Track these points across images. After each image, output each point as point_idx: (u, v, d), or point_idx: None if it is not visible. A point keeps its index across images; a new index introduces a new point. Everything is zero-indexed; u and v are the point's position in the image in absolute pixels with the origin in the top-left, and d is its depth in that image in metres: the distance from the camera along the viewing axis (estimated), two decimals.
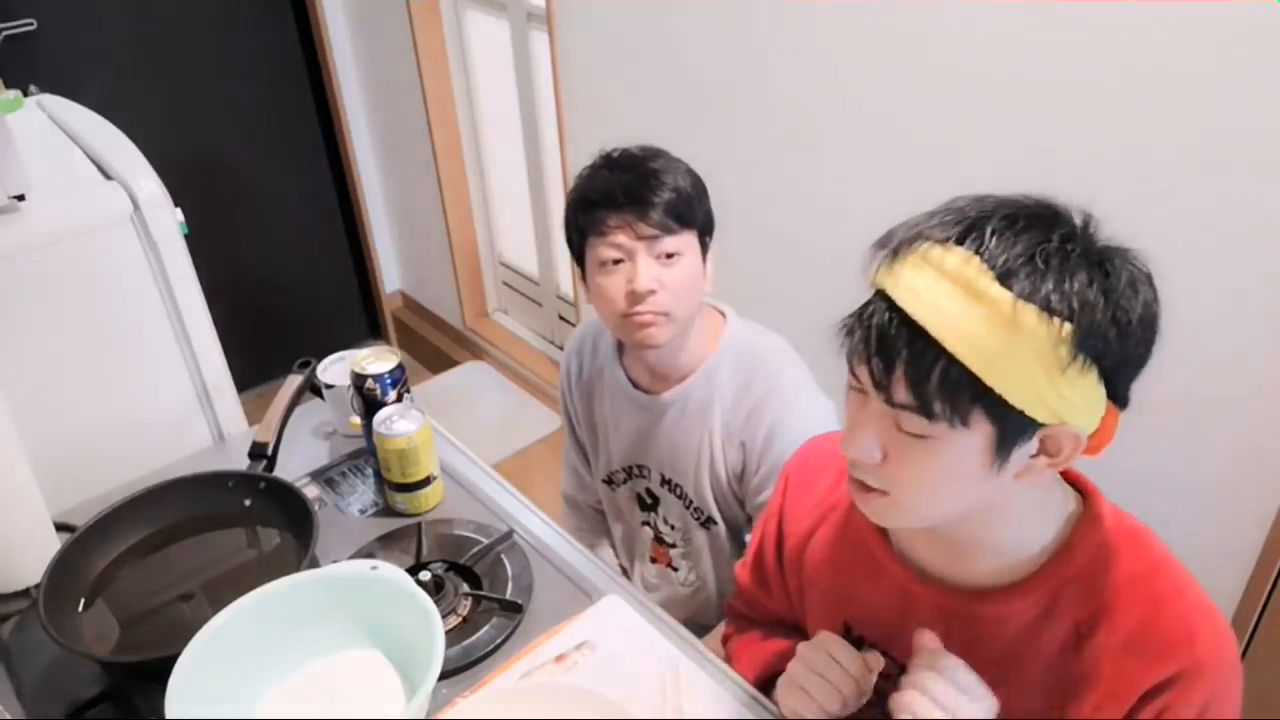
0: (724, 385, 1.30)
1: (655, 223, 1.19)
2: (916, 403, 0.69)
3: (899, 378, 0.69)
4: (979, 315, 0.67)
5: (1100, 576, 0.80)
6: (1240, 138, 1.21)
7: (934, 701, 0.76)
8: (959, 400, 0.68)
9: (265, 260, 3.03)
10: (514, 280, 3.09)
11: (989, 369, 0.67)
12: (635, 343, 1.26)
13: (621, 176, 1.21)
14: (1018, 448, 0.72)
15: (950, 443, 0.71)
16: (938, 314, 0.67)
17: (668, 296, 1.21)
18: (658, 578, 1.50)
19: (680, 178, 1.22)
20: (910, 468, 0.74)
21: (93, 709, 1.02)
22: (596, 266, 1.23)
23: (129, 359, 1.40)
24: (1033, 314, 0.66)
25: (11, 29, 2.34)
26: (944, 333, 0.67)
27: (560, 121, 2.28)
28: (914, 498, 0.76)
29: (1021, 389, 0.67)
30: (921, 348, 0.68)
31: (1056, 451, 0.73)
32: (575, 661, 1.05)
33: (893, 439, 0.73)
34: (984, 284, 0.67)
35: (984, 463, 0.72)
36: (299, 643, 0.99)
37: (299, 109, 2.92)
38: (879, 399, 0.72)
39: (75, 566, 1.10)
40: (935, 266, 0.69)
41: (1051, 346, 0.66)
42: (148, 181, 1.34)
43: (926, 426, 0.70)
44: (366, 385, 1.26)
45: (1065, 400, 0.68)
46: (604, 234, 1.21)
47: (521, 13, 2.44)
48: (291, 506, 1.17)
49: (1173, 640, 0.78)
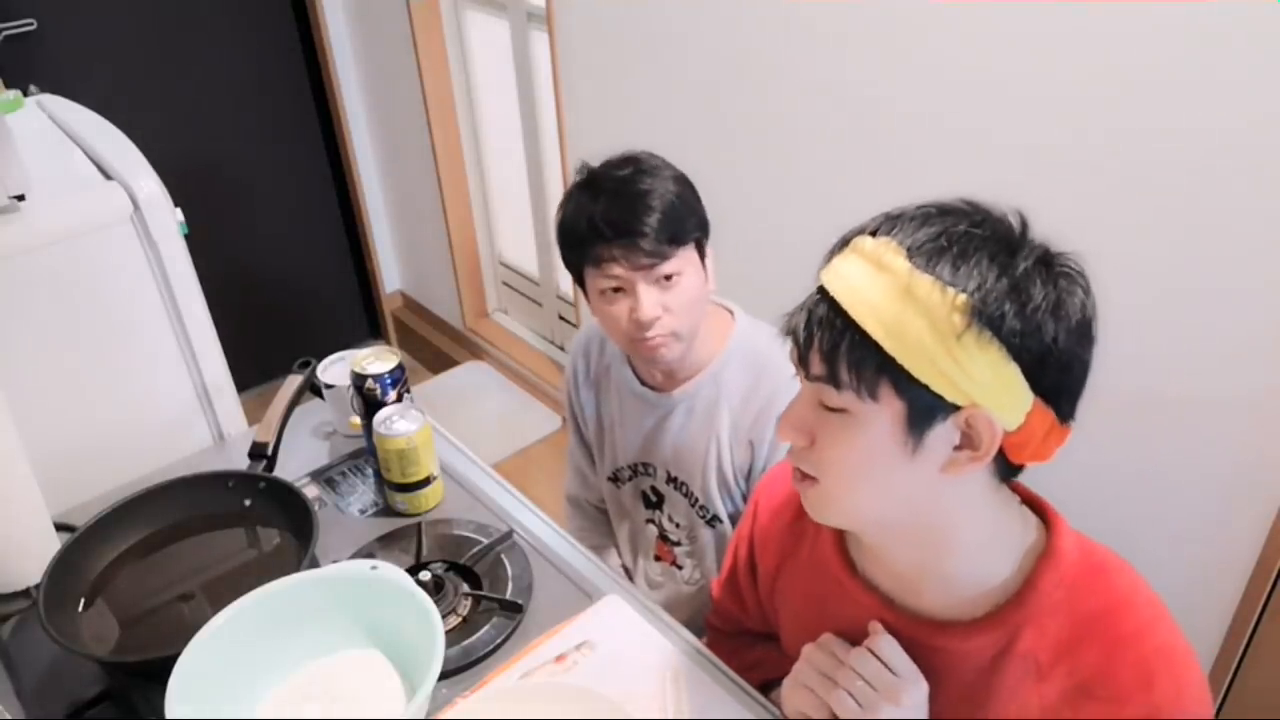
0: (732, 384, 1.30)
1: (650, 251, 1.15)
2: (827, 372, 0.72)
3: (815, 350, 0.73)
4: (881, 286, 0.70)
5: (1060, 615, 0.79)
6: (1243, 138, 1.21)
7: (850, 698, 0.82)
8: (865, 370, 0.71)
9: (265, 260, 3.03)
10: (514, 280, 3.09)
11: (887, 336, 0.69)
12: (647, 362, 1.27)
13: (607, 205, 1.17)
14: (930, 429, 0.71)
15: (865, 419, 0.72)
16: (848, 287, 0.72)
17: (673, 319, 1.20)
18: (662, 576, 1.51)
19: (668, 190, 1.18)
20: (831, 449, 0.76)
21: (93, 709, 1.02)
22: (597, 294, 1.22)
23: (129, 359, 1.40)
24: (927, 282, 0.69)
25: (11, 29, 2.34)
26: (851, 303, 0.71)
27: (560, 121, 2.28)
28: (838, 483, 0.77)
29: (918, 358, 0.69)
30: (836, 320, 0.72)
31: (977, 442, 0.72)
32: (575, 661, 1.05)
33: (818, 421, 0.76)
34: (889, 258, 0.71)
35: (899, 444, 0.72)
36: (299, 643, 0.99)
37: (299, 109, 2.92)
38: (800, 376, 0.76)
39: (75, 566, 1.10)
40: (857, 251, 0.73)
41: (945, 314, 0.68)
42: (148, 181, 1.34)
43: (837, 398, 0.73)
44: (366, 385, 1.26)
45: (966, 375, 0.69)
46: (600, 267, 1.19)
47: (521, 13, 2.44)
48: (291, 506, 1.17)
49: (1129, 685, 0.76)
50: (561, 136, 2.30)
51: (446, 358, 3.21)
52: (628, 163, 1.21)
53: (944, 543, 0.80)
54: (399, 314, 3.40)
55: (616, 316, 1.21)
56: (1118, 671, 0.77)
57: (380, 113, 3.00)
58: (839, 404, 0.73)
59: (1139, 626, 0.78)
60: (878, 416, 0.72)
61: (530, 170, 2.71)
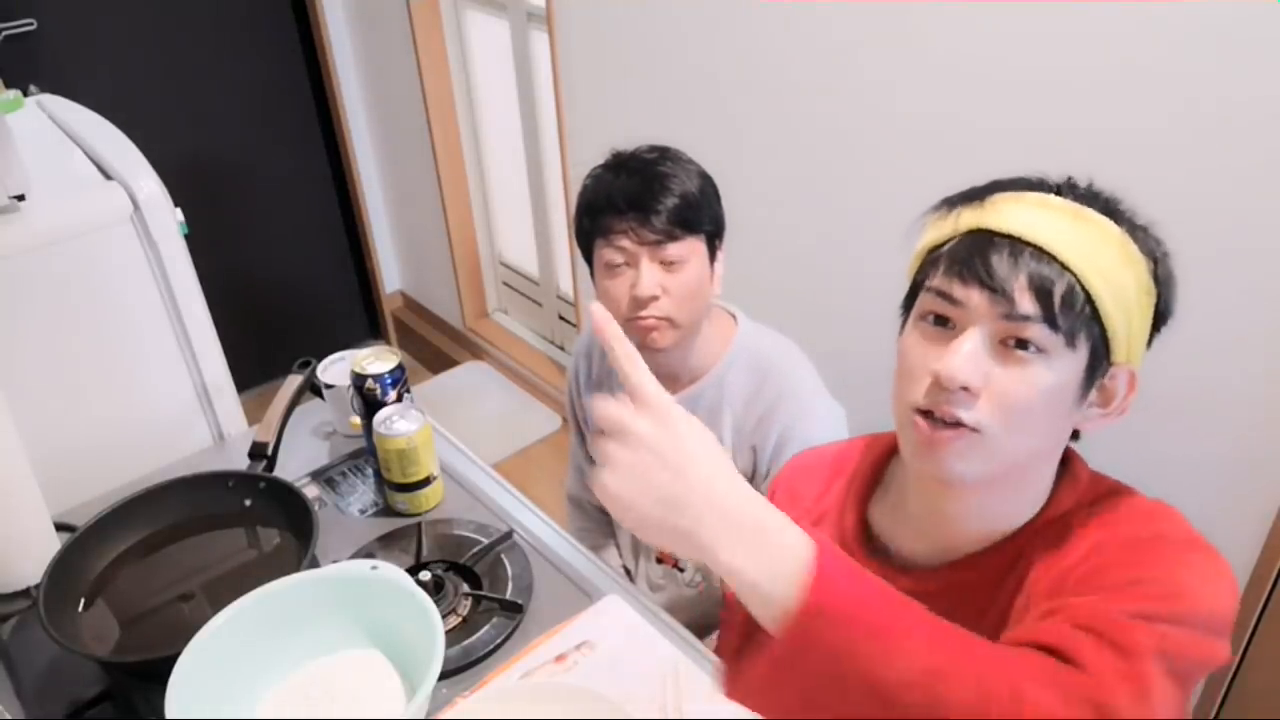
0: (734, 389, 1.30)
1: (659, 229, 1.18)
2: (1042, 313, 0.70)
3: (1022, 288, 0.70)
4: (1089, 237, 0.71)
5: (1068, 520, 0.79)
6: (1246, 135, 1.21)
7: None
8: (1074, 313, 0.71)
9: (265, 260, 3.03)
10: (514, 280, 3.09)
11: (1105, 285, 0.71)
12: (640, 346, 1.25)
13: (627, 181, 1.20)
14: (1095, 383, 0.75)
15: (1057, 363, 0.72)
16: (1055, 233, 0.71)
17: (670, 302, 1.21)
18: (664, 578, 1.50)
19: (689, 181, 1.21)
20: (1017, 388, 0.72)
21: (93, 709, 1.02)
22: (602, 269, 1.24)
23: (129, 359, 1.40)
24: (1134, 247, 0.72)
25: (11, 29, 2.34)
26: (1062, 249, 0.71)
27: (560, 121, 2.28)
28: (1009, 425, 0.72)
29: (1122, 310, 0.72)
30: (1045, 261, 0.71)
31: (1111, 397, 0.76)
32: (575, 661, 1.05)
33: (992, 365, 0.72)
34: (1088, 213, 0.72)
35: (1074, 392, 0.74)
36: (299, 643, 0.99)
37: (299, 108, 2.92)
38: (993, 314, 0.71)
39: (75, 566, 1.10)
40: (1034, 204, 0.73)
41: (1147, 276, 0.73)
42: (148, 181, 1.34)
43: (1048, 338, 0.71)
44: (366, 385, 1.26)
45: (1138, 338, 0.74)
46: (609, 238, 1.21)
47: (521, 13, 2.44)
48: (291, 506, 1.16)
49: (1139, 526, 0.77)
50: (561, 136, 2.30)
51: (446, 358, 3.21)
52: (656, 150, 1.25)
53: (1022, 489, 0.81)
54: (399, 314, 3.40)
55: (617, 293, 1.22)
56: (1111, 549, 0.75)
57: (380, 113, 3.00)
58: (1045, 344, 0.71)
59: (1152, 531, 0.77)
60: (1069, 361, 0.72)
61: (530, 170, 2.71)
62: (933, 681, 0.58)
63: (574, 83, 2.20)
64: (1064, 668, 0.63)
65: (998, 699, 0.59)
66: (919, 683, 0.58)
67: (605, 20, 2.03)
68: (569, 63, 2.18)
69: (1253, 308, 1.27)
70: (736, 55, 1.78)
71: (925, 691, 0.58)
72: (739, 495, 0.61)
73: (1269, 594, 1.40)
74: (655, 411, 0.62)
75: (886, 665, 0.58)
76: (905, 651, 0.58)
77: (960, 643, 0.62)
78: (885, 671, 0.58)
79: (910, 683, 0.58)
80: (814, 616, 0.57)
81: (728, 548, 0.59)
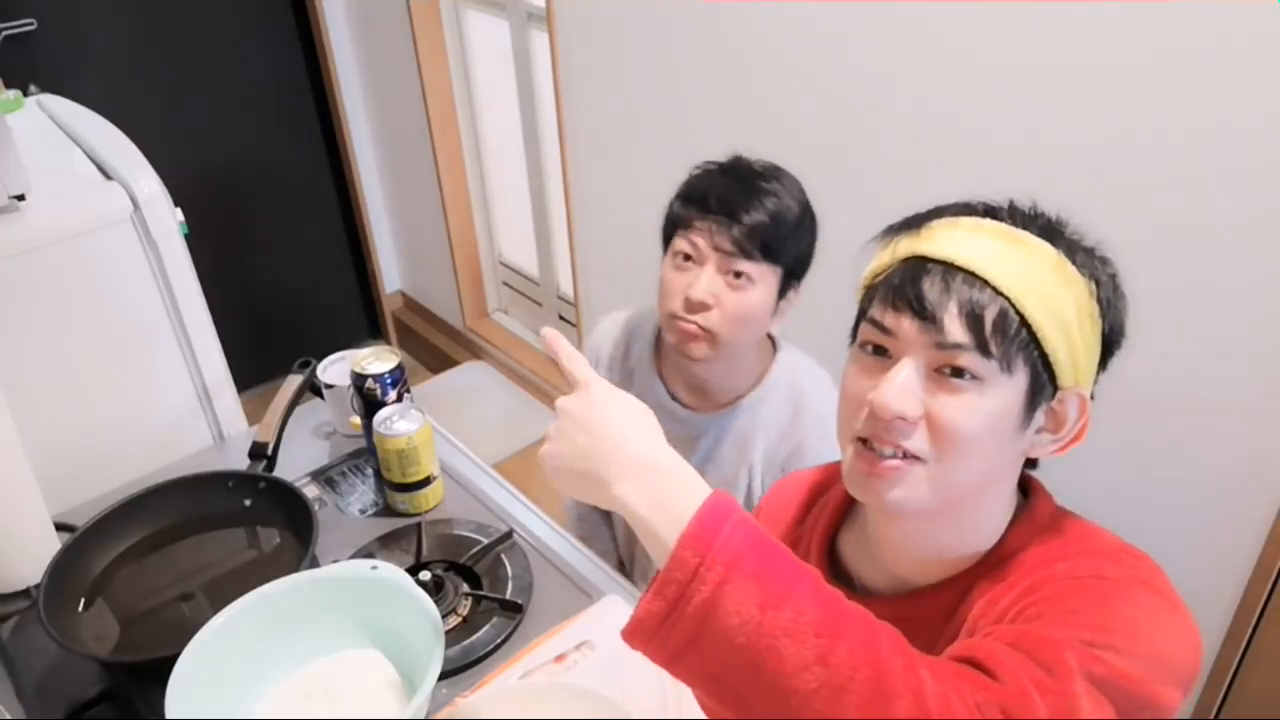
0: (769, 419, 1.29)
1: (735, 240, 1.16)
2: (974, 340, 0.69)
3: (952, 316, 0.70)
4: (1024, 261, 0.70)
5: (1019, 558, 0.77)
6: (1244, 139, 1.20)
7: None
8: (1009, 338, 0.70)
9: (265, 260, 3.03)
10: (514, 280, 3.10)
11: (1040, 308, 0.70)
12: (674, 346, 1.25)
13: (727, 183, 1.19)
14: (1039, 407, 0.73)
15: (994, 390, 0.71)
16: (990, 257, 0.70)
17: (720, 317, 1.19)
18: None
19: (788, 208, 1.18)
20: (955, 418, 0.71)
21: (93, 709, 1.03)
22: (671, 256, 1.23)
23: (129, 359, 1.40)
24: (1072, 268, 0.71)
25: (11, 29, 2.34)
26: (996, 274, 0.70)
27: (560, 121, 2.28)
28: (951, 456, 0.72)
29: (1061, 334, 0.70)
30: (977, 287, 0.70)
31: (1062, 422, 0.74)
32: (575, 661, 1.05)
33: (930, 393, 0.71)
34: (1024, 236, 0.71)
35: (1015, 419, 0.72)
36: (299, 643, 0.99)
37: (299, 108, 2.92)
38: (925, 343, 0.71)
39: (75, 566, 1.10)
40: (970, 229, 0.73)
41: (1089, 298, 0.71)
42: (148, 181, 1.34)
43: (982, 365, 0.70)
44: (366, 385, 1.26)
45: (1086, 361, 0.72)
46: (688, 230, 1.20)
47: (521, 13, 2.44)
48: (291, 506, 1.17)
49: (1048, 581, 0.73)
50: (561, 136, 2.29)
51: (446, 358, 3.21)
52: (773, 168, 1.23)
53: (971, 521, 0.79)
54: (399, 314, 3.40)
55: (673, 287, 1.21)
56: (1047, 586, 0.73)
57: (380, 113, 3.00)
58: (979, 371, 0.70)
59: (1092, 571, 0.73)
60: (1006, 388, 0.71)
61: (530, 170, 2.71)
62: (818, 636, 0.58)
63: (574, 83, 2.19)
64: (980, 675, 0.63)
65: (892, 673, 0.58)
66: (802, 634, 0.58)
67: (605, 20, 2.03)
68: (569, 63, 2.17)
69: (1253, 308, 1.27)
70: (736, 55, 1.78)
71: (810, 648, 0.57)
72: (646, 443, 0.67)
73: (1269, 594, 1.40)
74: (583, 390, 0.70)
75: (773, 613, 0.57)
76: (789, 600, 0.58)
77: (857, 614, 0.61)
78: (771, 623, 0.57)
79: (794, 633, 0.58)
80: (691, 552, 0.59)
81: (622, 483, 0.65)
